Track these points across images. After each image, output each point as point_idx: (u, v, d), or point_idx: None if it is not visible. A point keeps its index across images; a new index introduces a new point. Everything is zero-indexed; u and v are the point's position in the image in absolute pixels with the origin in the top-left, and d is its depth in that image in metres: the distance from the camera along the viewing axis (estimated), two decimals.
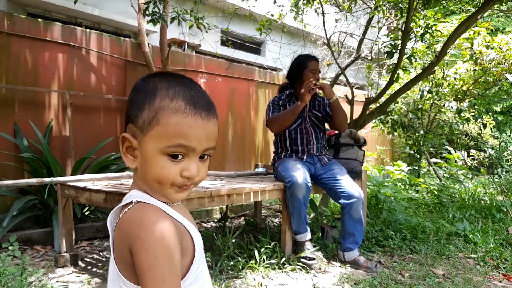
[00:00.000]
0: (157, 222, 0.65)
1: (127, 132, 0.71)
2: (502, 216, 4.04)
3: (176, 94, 0.69)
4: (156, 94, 0.69)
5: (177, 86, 0.71)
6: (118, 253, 0.68)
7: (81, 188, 2.39)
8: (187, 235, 0.71)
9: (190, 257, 0.71)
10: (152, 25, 3.44)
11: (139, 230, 0.64)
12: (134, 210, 0.68)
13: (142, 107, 0.69)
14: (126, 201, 0.70)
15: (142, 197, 0.70)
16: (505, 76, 4.76)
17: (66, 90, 3.59)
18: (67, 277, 2.39)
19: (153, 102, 0.69)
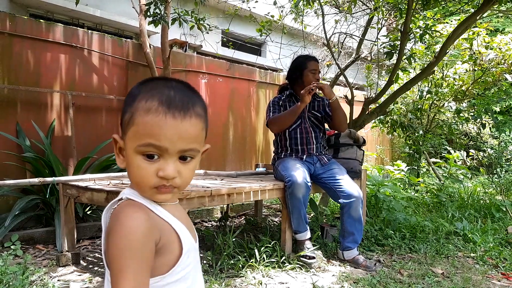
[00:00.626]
0: (130, 218, 0.68)
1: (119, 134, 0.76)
2: (502, 215, 4.06)
3: (152, 95, 0.71)
4: (137, 96, 0.72)
5: (158, 88, 0.73)
6: (104, 245, 0.73)
7: (82, 187, 2.42)
8: (170, 234, 0.73)
9: (176, 254, 0.74)
10: (153, 26, 3.47)
11: (113, 223, 0.69)
12: (120, 206, 0.72)
13: (125, 110, 0.74)
14: (118, 198, 0.74)
15: (132, 195, 0.74)
16: (504, 76, 4.78)
17: (68, 90, 3.62)
18: (69, 276, 2.41)
19: (133, 104, 0.72)
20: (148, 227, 0.69)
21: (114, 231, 0.68)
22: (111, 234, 0.68)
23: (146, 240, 0.68)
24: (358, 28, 5.25)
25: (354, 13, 4.88)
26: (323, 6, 4.19)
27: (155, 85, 0.74)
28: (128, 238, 0.67)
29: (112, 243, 0.67)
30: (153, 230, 0.70)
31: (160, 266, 0.71)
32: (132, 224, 0.68)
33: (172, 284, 0.73)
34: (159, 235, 0.71)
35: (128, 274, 0.65)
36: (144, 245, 0.68)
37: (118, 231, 0.67)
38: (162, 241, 0.71)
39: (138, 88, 0.75)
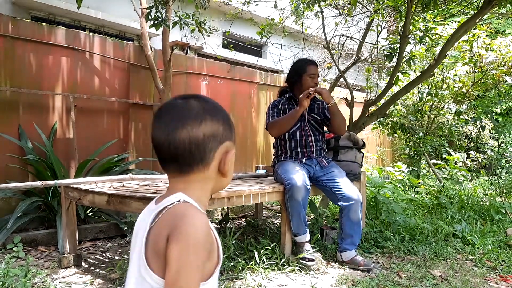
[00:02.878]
0: (198, 219, 0.72)
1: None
2: (501, 217, 4.08)
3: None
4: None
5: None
6: (153, 244, 0.73)
7: (84, 190, 2.44)
8: (214, 241, 0.77)
9: (215, 262, 0.77)
10: (155, 29, 3.50)
11: (180, 221, 0.71)
12: (180, 206, 0.75)
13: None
14: (173, 201, 0.77)
15: (188, 199, 0.78)
16: (504, 78, 4.79)
17: (70, 93, 3.65)
18: (70, 278, 2.44)
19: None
20: (209, 232, 0.73)
21: (182, 230, 0.69)
22: (178, 233, 0.69)
23: (206, 245, 0.72)
24: (359, 30, 5.26)
25: (355, 16, 4.89)
26: (323, 9, 4.21)
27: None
28: (195, 240, 0.69)
29: (179, 241, 0.68)
30: (210, 236, 0.74)
31: (205, 272, 0.74)
32: (199, 227, 0.70)
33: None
34: (211, 242, 0.74)
35: (189, 280, 0.67)
36: (205, 248, 0.71)
37: (185, 232, 0.69)
38: (211, 247, 0.74)
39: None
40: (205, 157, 0.80)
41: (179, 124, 0.79)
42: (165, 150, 0.80)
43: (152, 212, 0.78)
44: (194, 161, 0.80)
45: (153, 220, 0.76)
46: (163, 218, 0.74)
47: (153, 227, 0.75)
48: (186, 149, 0.78)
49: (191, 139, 0.78)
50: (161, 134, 0.80)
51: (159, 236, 0.72)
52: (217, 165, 0.83)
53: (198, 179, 0.81)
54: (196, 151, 0.79)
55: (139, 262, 0.74)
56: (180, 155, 0.79)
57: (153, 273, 0.72)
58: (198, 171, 0.81)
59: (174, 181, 0.82)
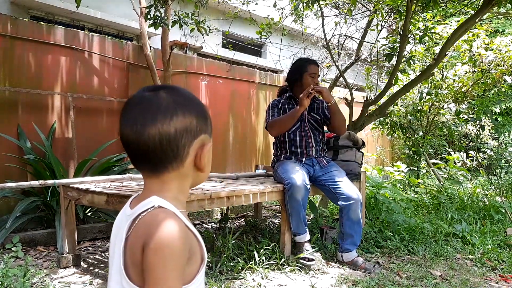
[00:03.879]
0: (172, 226, 0.68)
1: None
2: (501, 217, 4.07)
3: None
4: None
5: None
6: (131, 254, 0.71)
7: (83, 190, 2.44)
8: (195, 242, 0.74)
9: (198, 263, 0.75)
10: (154, 29, 3.49)
11: (155, 230, 0.67)
12: (154, 213, 0.71)
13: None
14: (147, 206, 0.73)
15: (162, 203, 0.74)
16: (504, 78, 4.79)
17: (69, 92, 3.64)
18: (69, 278, 2.43)
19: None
20: (185, 236, 0.70)
21: (157, 239, 0.66)
22: (153, 243, 0.66)
23: (184, 249, 0.69)
24: (358, 30, 5.26)
25: (354, 15, 4.89)
26: (322, 8, 4.20)
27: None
28: (171, 247, 0.66)
29: (155, 251, 0.66)
30: (188, 240, 0.71)
31: (187, 275, 0.72)
32: (174, 232, 0.67)
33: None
34: (191, 245, 0.72)
35: (169, 284, 0.65)
36: (183, 257, 0.69)
37: (161, 239, 0.66)
38: (191, 250, 0.72)
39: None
40: (179, 153, 0.75)
41: (148, 119, 0.73)
42: (134, 148, 0.75)
43: (127, 219, 0.74)
44: (167, 159, 0.75)
45: (129, 229, 0.73)
46: (137, 227, 0.71)
47: (129, 237, 0.72)
48: (157, 147, 0.73)
49: (162, 136, 0.73)
50: (129, 131, 0.74)
51: (135, 246, 0.70)
52: (192, 161, 0.78)
53: (174, 177, 0.77)
54: (168, 148, 0.74)
55: (120, 274, 0.72)
56: (151, 153, 0.74)
57: (134, 284, 0.70)
58: (172, 169, 0.76)
59: (149, 181, 0.78)
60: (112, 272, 0.75)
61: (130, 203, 0.79)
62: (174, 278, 0.66)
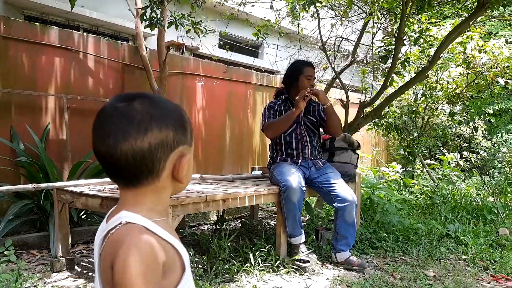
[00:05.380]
0: (139, 242, 0.66)
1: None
2: (493, 217, 4.11)
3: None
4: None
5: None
6: (104, 275, 0.70)
7: (77, 193, 2.42)
8: (172, 253, 0.72)
9: (178, 273, 0.73)
10: (150, 30, 3.48)
11: (121, 249, 0.65)
12: (121, 231, 0.69)
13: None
14: (115, 223, 0.71)
15: (131, 218, 0.71)
16: (497, 79, 4.83)
17: (63, 93, 3.62)
18: (63, 282, 2.41)
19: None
20: (156, 251, 0.67)
21: (123, 259, 0.64)
22: (120, 262, 0.64)
23: (157, 265, 0.66)
24: (354, 31, 5.28)
25: (350, 17, 4.91)
26: (319, 10, 4.21)
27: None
28: (140, 264, 0.63)
29: (122, 272, 0.63)
30: (159, 253, 0.67)
31: (166, 287, 0.70)
32: (142, 250, 0.65)
33: None
34: (165, 257, 0.69)
35: None
36: (155, 270, 0.66)
37: (128, 259, 0.63)
38: (167, 262, 0.69)
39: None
40: (154, 168, 0.72)
41: (120, 136, 0.69)
42: (107, 163, 0.72)
43: (102, 234, 0.73)
44: (142, 174, 0.72)
45: (101, 246, 0.71)
46: (106, 245, 0.69)
47: (101, 256, 0.70)
48: (130, 163, 0.70)
49: (135, 152, 0.69)
50: (101, 146, 0.71)
51: (106, 265, 0.68)
52: (170, 173, 0.75)
53: (149, 191, 0.74)
54: (142, 163, 0.70)
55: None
56: (124, 169, 0.70)
57: None
58: (147, 183, 0.73)
59: (123, 194, 0.75)
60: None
61: (108, 216, 0.77)
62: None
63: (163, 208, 0.78)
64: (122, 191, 0.76)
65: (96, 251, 0.74)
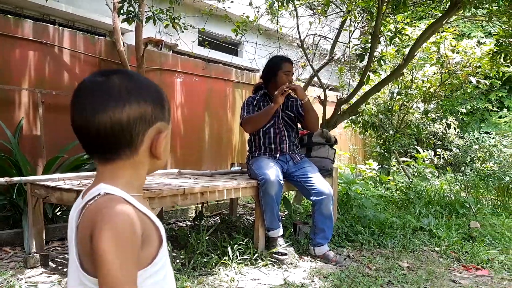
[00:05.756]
0: (119, 211, 0.67)
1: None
2: (465, 211, 4.25)
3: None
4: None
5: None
6: (81, 245, 0.70)
7: (51, 187, 2.38)
8: (150, 225, 0.73)
9: (155, 245, 0.73)
10: (128, 24, 3.44)
11: (100, 218, 0.66)
12: (100, 201, 0.70)
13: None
14: (94, 195, 0.72)
15: (109, 189, 0.72)
16: (469, 79, 4.99)
17: (37, 88, 3.54)
18: (37, 278, 2.37)
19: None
20: (135, 221, 0.67)
21: (104, 226, 0.64)
22: (99, 230, 0.64)
23: (135, 235, 0.67)
24: (332, 30, 5.36)
25: (328, 15, 4.98)
26: (297, 8, 4.26)
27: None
28: (120, 234, 0.64)
29: (104, 238, 0.64)
30: (138, 223, 0.68)
31: (143, 259, 0.71)
32: (122, 220, 0.66)
33: (153, 275, 0.73)
34: (143, 228, 0.69)
35: (122, 272, 0.64)
36: (134, 241, 0.67)
37: (108, 227, 0.64)
38: (144, 233, 0.70)
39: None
40: (132, 142, 0.73)
41: (99, 107, 0.70)
42: (85, 136, 0.72)
43: (79, 207, 0.73)
44: (120, 147, 0.73)
45: (78, 219, 0.71)
46: (85, 216, 0.70)
47: (79, 226, 0.70)
48: (108, 135, 0.71)
49: (114, 124, 0.70)
50: (79, 118, 0.71)
51: (84, 236, 0.68)
52: (148, 149, 0.76)
53: (127, 164, 0.75)
54: (121, 136, 0.71)
55: (76, 266, 0.70)
56: (102, 140, 0.71)
57: (89, 275, 0.68)
58: (125, 157, 0.74)
59: (100, 168, 0.76)
60: (70, 266, 0.74)
61: (83, 193, 0.77)
62: (126, 264, 0.65)
63: (140, 183, 0.79)
64: (100, 165, 0.76)
65: (73, 224, 0.74)
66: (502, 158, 5.26)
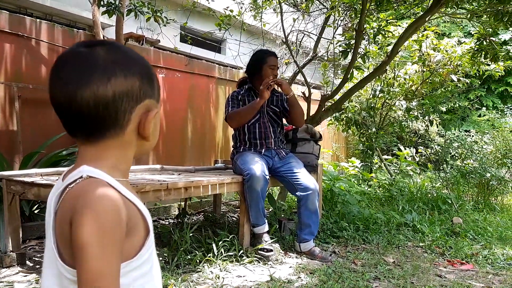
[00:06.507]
0: (102, 196, 0.61)
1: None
2: (447, 207, 4.32)
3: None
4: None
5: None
6: (60, 233, 0.64)
7: (29, 183, 2.28)
8: (135, 213, 0.67)
9: (142, 236, 0.68)
10: (108, 18, 3.35)
11: (82, 203, 0.60)
12: (82, 184, 0.64)
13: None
14: (75, 177, 0.65)
15: (92, 172, 0.65)
16: (451, 77, 5.08)
17: (13, 82, 3.40)
18: (13, 277, 2.27)
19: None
20: (120, 207, 0.62)
21: (85, 213, 0.58)
22: (80, 217, 0.58)
23: (120, 223, 0.61)
24: (315, 27, 5.36)
25: (312, 12, 4.98)
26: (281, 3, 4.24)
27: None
28: (103, 221, 0.59)
29: (84, 226, 0.58)
30: (123, 211, 0.62)
31: (128, 249, 0.65)
32: (105, 205, 0.60)
33: (138, 268, 0.67)
34: (128, 216, 0.64)
35: (104, 263, 0.58)
36: (118, 229, 0.61)
37: (90, 213, 0.59)
38: (130, 222, 0.64)
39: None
40: (118, 120, 0.67)
41: (81, 80, 0.63)
42: (66, 113, 0.65)
43: (58, 191, 0.66)
44: (104, 126, 0.66)
45: (57, 203, 0.65)
46: (65, 200, 0.63)
47: (58, 212, 0.64)
48: (91, 112, 0.64)
49: (98, 100, 0.63)
50: (60, 93, 0.64)
51: (63, 222, 0.62)
52: (135, 128, 0.69)
53: (112, 145, 0.68)
54: (105, 113, 0.65)
55: (53, 255, 0.64)
56: (85, 118, 0.65)
57: (68, 266, 0.62)
58: (111, 136, 0.68)
59: (83, 150, 0.69)
60: (46, 256, 0.68)
61: (64, 175, 0.71)
62: (108, 254, 0.59)
63: (126, 167, 0.73)
64: (82, 146, 0.69)
65: (51, 209, 0.67)
66: (483, 155, 5.36)
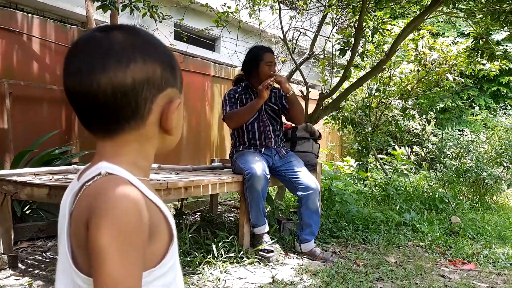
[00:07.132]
0: (123, 195, 0.54)
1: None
2: (444, 206, 4.31)
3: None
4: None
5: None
6: (75, 237, 0.57)
7: (21, 182, 2.19)
8: (159, 217, 0.61)
9: (165, 241, 0.61)
10: (102, 15, 3.26)
11: (100, 202, 0.54)
12: (100, 181, 0.57)
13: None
14: (92, 174, 0.59)
15: (112, 169, 0.59)
16: (446, 76, 5.08)
17: (4, 78, 3.29)
18: (5, 281, 2.18)
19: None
20: (141, 208, 0.55)
21: (104, 213, 0.52)
22: (98, 218, 0.52)
23: (142, 226, 0.55)
24: (312, 25, 5.32)
25: (310, 9, 4.93)
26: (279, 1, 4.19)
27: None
28: (124, 224, 0.53)
29: (103, 228, 0.52)
30: (145, 212, 0.56)
31: (150, 256, 0.58)
32: (127, 206, 0.54)
33: (162, 277, 0.60)
34: (151, 218, 0.57)
35: (124, 271, 0.52)
36: (140, 233, 0.54)
37: (109, 214, 0.52)
38: (153, 226, 0.57)
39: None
40: (138, 110, 0.60)
41: (98, 66, 0.57)
42: (81, 103, 0.59)
43: (74, 190, 0.60)
44: (123, 116, 0.60)
45: (72, 204, 0.59)
46: (81, 199, 0.58)
47: (73, 213, 0.58)
48: (109, 101, 0.58)
49: (115, 87, 0.57)
50: (74, 81, 0.58)
51: (78, 224, 0.56)
52: (157, 120, 0.63)
53: (132, 139, 0.62)
54: (124, 101, 0.58)
55: (67, 261, 0.58)
56: (101, 108, 0.58)
57: (83, 274, 0.56)
58: (130, 129, 0.61)
59: (101, 144, 0.63)
60: (60, 262, 0.61)
61: (79, 174, 0.64)
62: (129, 261, 0.52)
63: (147, 165, 0.66)
64: (100, 141, 0.63)
65: (65, 211, 0.60)
66: (479, 154, 5.38)
